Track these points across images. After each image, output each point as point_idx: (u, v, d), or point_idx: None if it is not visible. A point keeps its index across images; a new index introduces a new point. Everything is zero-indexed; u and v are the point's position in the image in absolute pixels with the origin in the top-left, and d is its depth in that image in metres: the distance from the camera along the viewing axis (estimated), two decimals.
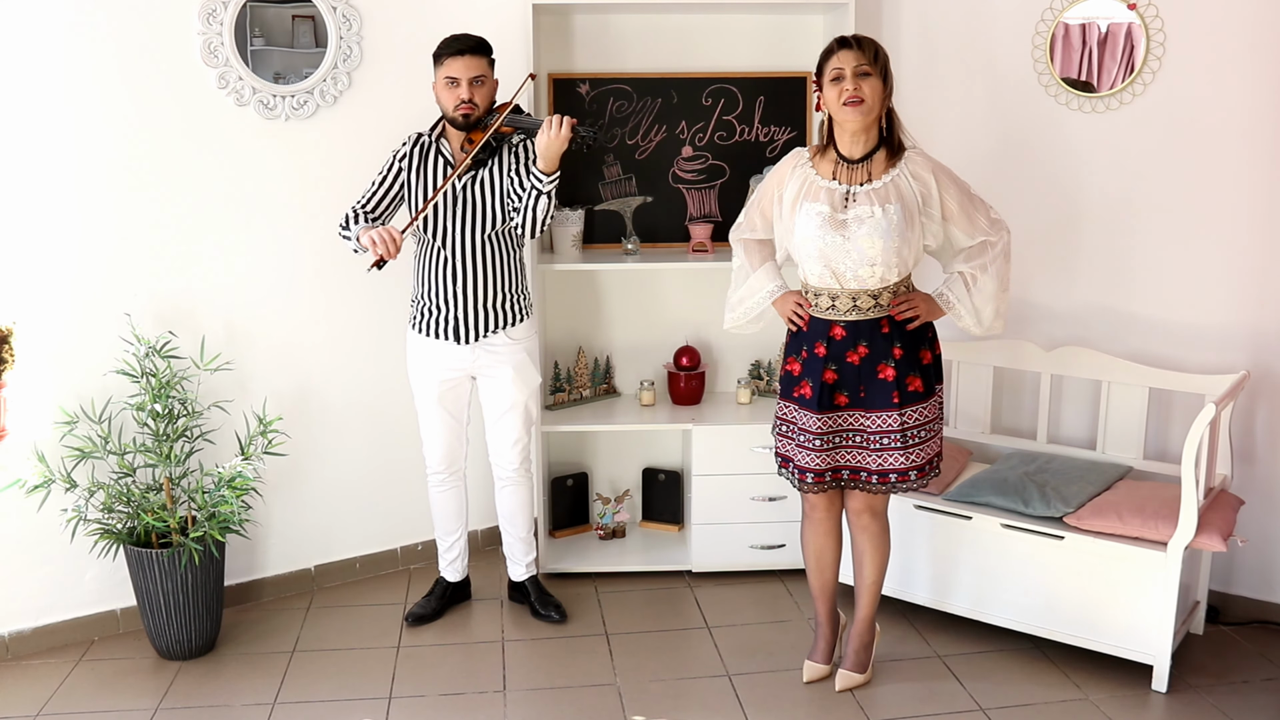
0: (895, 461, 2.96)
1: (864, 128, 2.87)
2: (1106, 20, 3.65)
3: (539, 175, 3.19)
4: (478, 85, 3.24)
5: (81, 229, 3.39)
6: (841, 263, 2.91)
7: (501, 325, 3.39)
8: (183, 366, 3.49)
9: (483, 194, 3.31)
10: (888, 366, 2.94)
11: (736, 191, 4.08)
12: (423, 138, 3.37)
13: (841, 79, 2.83)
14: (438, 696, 3.20)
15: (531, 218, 3.25)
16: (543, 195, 3.22)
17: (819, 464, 3.00)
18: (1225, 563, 3.66)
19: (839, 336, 2.96)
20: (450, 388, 3.47)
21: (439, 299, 3.35)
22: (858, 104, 2.81)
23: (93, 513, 3.40)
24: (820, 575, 3.21)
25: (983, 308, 3.01)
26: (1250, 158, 3.50)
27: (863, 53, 2.83)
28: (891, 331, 2.94)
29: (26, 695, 3.22)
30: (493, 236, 3.33)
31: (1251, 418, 3.61)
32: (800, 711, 3.10)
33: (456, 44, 3.23)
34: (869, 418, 2.97)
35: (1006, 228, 3.03)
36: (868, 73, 2.82)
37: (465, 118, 3.25)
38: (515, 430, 3.52)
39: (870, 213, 2.86)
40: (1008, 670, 3.31)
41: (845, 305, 2.95)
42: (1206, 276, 3.61)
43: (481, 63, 3.25)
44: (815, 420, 2.98)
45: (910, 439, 2.96)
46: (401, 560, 4.08)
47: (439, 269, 3.33)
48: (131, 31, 3.38)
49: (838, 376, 2.97)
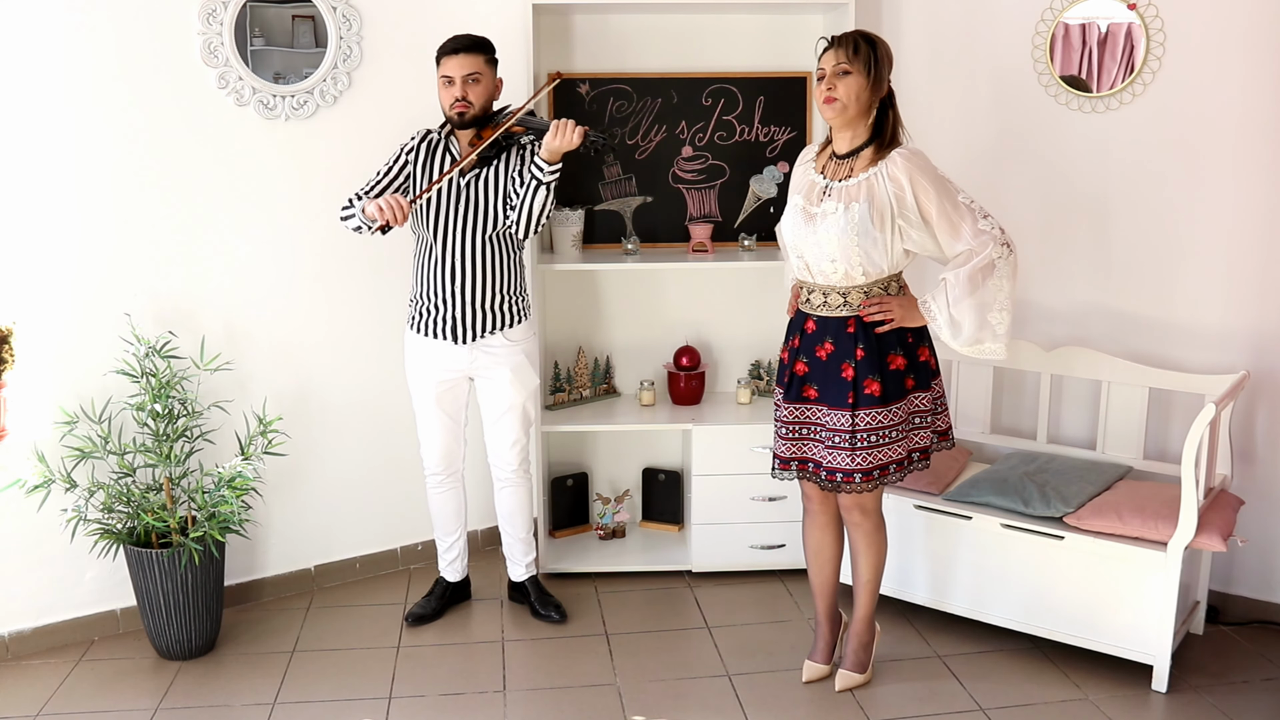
0: (842, 461, 2.95)
1: (845, 124, 2.91)
2: (1106, 20, 3.65)
3: (540, 164, 3.18)
4: (472, 84, 3.23)
5: (81, 229, 3.39)
6: (810, 255, 2.95)
7: (499, 326, 3.39)
8: (183, 366, 3.49)
9: (485, 193, 3.30)
10: (849, 366, 2.94)
11: (736, 191, 4.08)
12: (431, 134, 3.37)
13: (824, 78, 2.88)
14: (438, 696, 3.20)
15: (528, 213, 3.24)
16: (542, 186, 3.20)
17: (785, 451, 3.07)
18: (1225, 563, 3.66)
19: (810, 330, 3.01)
20: (448, 388, 3.47)
21: (437, 298, 3.35)
22: (831, 103, 2.86)
23: (93, 513, 3.40)
24: (819, 572, 3.22)
25: (961, 320, 2.86)
26: (1250, 157, 3.50)
27: (842, 50, 2.86)
28: (856, 332, 2.94)
29: (26, 695, 3.22)
30: (493, 237, 3.33)
31: (1251, 418, 3.61)
32: (800, 711, 3.10)
33: (452, 43, 3.24)
34: (827, 414, 2.99)
35: (999, 240, 2.83)
36: (847, 71, 2.84)
37: (460, 116, 3.24)
38: (513, 431, 3.52)
39: (834, 208, 2.88)
40: (1008, 670, 3.31)
41: (818, 300, 2.99)
42: (1206, 276, 3.61)
43: (477, 60, 3.24)
44: (785, 410, 3.05)
45: (859, 441, 2.94)
46: (401, 560, 4.08)
47: (437, 268, 3.33)
48: (132, 31, 3.38)
49: (808, 369, 3.01)
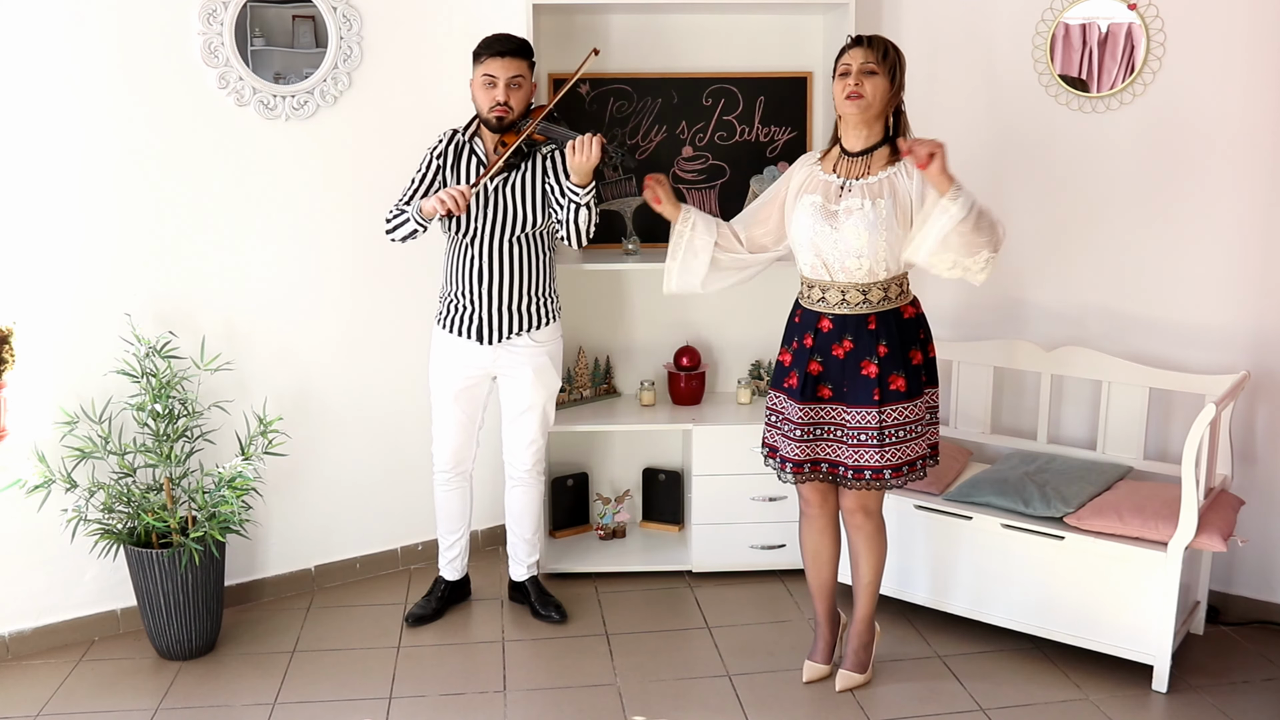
0: (871, 459, 2.96)
1: (863, 122, 2.92)
2: (1106, 20, 3.65)
3: (575, 189, 3.21)
4: (514, 88, 3.23)
5: (82, 229, 3.39)
6: (830, 253, 2.93)
7: (526, 328, 3.40)
8: (183, 366, 3.49)
9: (513, 197, 3.31)
10: (871, 363, 2.94)
11: (737, 191, 4.08)
12: (457, 135, 3.37)
13: (848, 74, 2.89)
14: (438, 696, 3.20)
15: (576, 230, 3.29)
16: (582, 208, 3.24)
17: (799, 454, 3.03)
18: (1225, 563, 3.66)
19: (826, 329, 2.99)
20: (469, 386, 3.47)
21: (466, 298, 3.36)
22: (857, 99, 2.87)
23: (93, 513, 3.40)
24: (818, 574, 3.22)
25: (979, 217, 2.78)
26: (1250, 157, 3.50)
27: (872, 51, 2.89)
28: (878, 328, 2.95)
29: (26, 695, 3.22)
30: (522, 239, 3.34)
31: (1251, 418, 3.61)
32: (800, 711, 3.10)
33: (499, 44, 3.23)
34: (849, 413, 2.97)
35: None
36: (874, 71, 2.87)
37: (499, 120, 3.24)
38: (531, 431, 3.53)
39: (860, 205, 2.89)
40: (1008, 670, 3.31)
41: (835, 298, 2.97)
42: (1206, 276, 3.61)
43: (521, 65, 3.25)
44: (798, 410, 3.01)
45: (888, 437, 2.95)
46: (401, 560, 4.08)
47: (467, 268, 3.34)
48: (132, 32, 3.38)
49: (822, 369, 2.99)
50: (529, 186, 3.32)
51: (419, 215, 3.24)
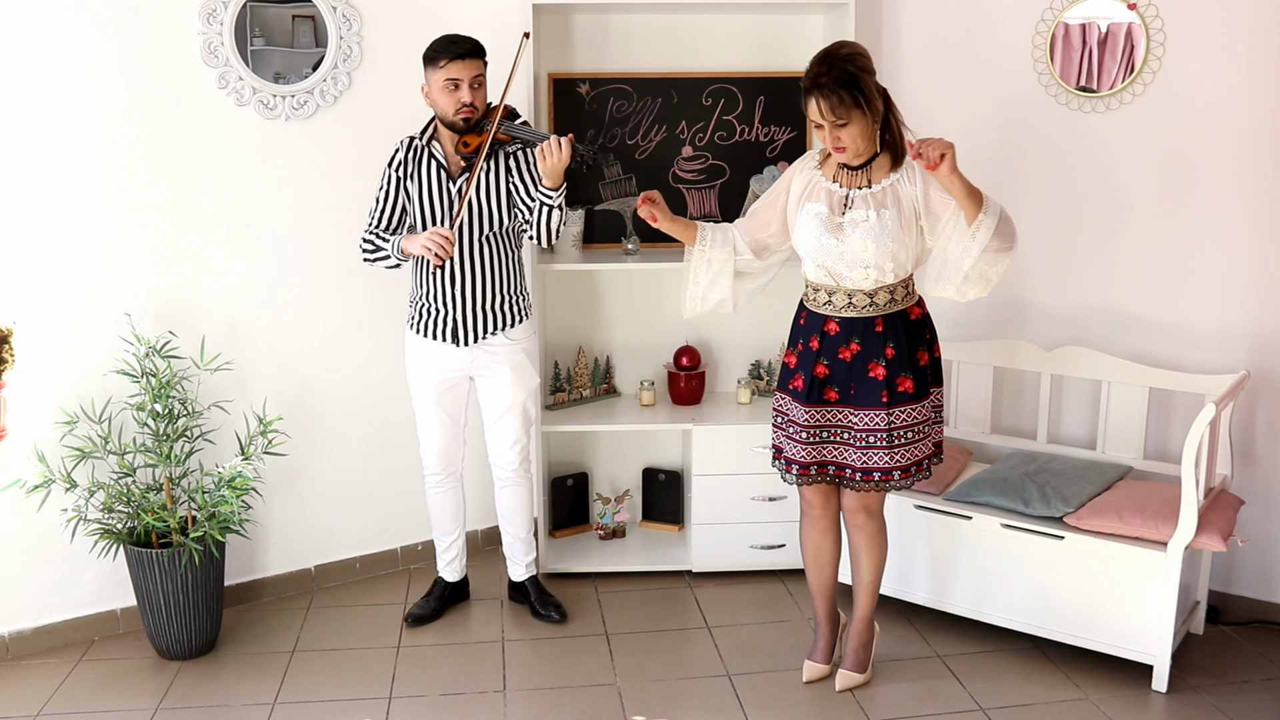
0: (880, 460, 2.96)
1: (857, 155, 2.88)
2: (1106, 20, 3.64)
3: (548, 192, 3.21)
4: (476, 88, 3.23)
5: (82, 229, 3.39)
6: (837, 265, 2.93)
7: (500, 327, 3.39)
8: (183, 366, 3.49)
9: (478, 197, 3.31)
10: (878, 365, 2.94)
11: (737, 191, 4.08)
12: (414, 142, 3.36)
13: (822, 127, 2.82)
14: (438, 696, 3.20)
15: (546, 230, 3.28)
16: (554, 209, 3.24)
17: (805, 457, 3.02)
18: (1225, 563, 3.66)
19: (833, 332, 2.98)
20: (448, 388, 3.47)
21: (437, 301, 3.35)
22: (842, 152, 2.85)
23: (93, 513, 3.40)
24: (818, 574, 3.22)
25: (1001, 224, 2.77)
26: (1250, 157, 3.50)
27: (832, 108, 2.75)
28: (885, 330, 2.95)
29: (26, 695, 3.22)
30: (489, 238, 3.33)
31: (1251, 418, 3.61)
32: (800, 711, 3.10)
33: (456, 46, 3.21)
34: (857, 415, 2.97)
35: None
36: (843, 123, 2.78)
37: (466, 121, 3.24)
38: (514, 431, 3.52)
39: (865, 216, 2.87)
40: (1008, 670, 3.31)
41: (841, 302, 2.97)
42: (1206, 276, 3.61)
43: (479, 64, 3.25)
44: (804, 413, 3.00)
45: (897, 439, 2.95)
46: (401, 560, 4.08)
47: (436, 271, 3.33)
48: (132, 31, 3.38)
49: (829, 371, 2.99)
50: (494, 186, 3.31)
51: (399, 254, 3.25)
